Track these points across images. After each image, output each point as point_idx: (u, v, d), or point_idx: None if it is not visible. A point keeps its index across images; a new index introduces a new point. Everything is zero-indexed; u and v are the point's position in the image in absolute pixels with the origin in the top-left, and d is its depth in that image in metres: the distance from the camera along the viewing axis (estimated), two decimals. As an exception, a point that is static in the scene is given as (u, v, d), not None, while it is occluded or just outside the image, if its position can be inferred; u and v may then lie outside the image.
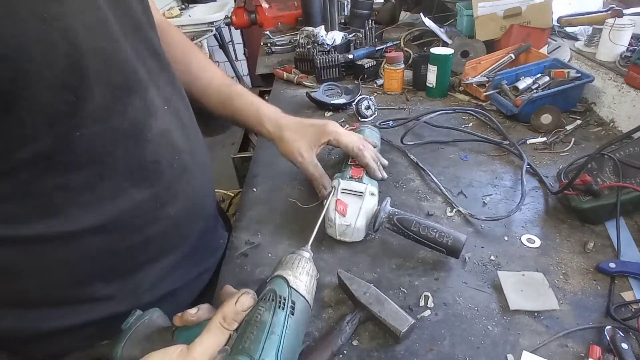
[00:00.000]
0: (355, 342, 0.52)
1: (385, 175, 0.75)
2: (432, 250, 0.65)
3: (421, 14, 1.44)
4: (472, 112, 1.03)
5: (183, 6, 3.12)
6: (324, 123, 0.75)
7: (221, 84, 0.74)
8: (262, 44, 1.78)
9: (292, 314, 0.41)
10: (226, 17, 2.63)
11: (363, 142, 0.74)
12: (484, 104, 1.11)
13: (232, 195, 1.81)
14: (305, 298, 0.43)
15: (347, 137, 0.73)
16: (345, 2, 1.89)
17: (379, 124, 1.01)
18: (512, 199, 0.75)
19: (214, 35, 2.88)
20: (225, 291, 0.46)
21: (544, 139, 0.91)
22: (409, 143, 0.93)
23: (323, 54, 1.34)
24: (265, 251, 0.67)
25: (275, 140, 0.74)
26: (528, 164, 0.81)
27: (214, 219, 0.72)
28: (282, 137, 0.72)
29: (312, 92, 1.17)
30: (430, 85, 1.17)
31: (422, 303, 0.56)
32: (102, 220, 0.47)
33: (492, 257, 0.63)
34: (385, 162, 0.79)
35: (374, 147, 0.80)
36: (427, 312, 0.55)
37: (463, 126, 1.01)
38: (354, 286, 0.55)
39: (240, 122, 0.75)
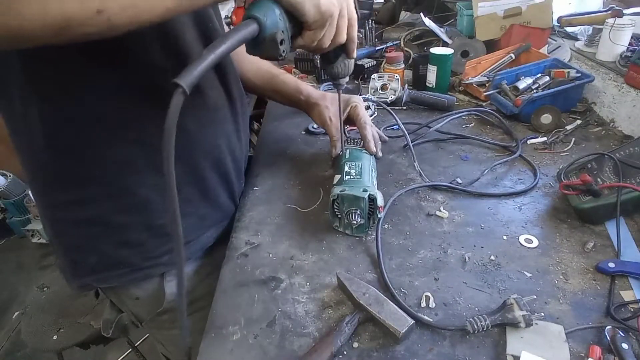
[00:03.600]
0: (355, 344, 0.52)
1: (380, 154, 0.85)
2: (432, 250, 0.65)
3: (421, 14, 1.44)
4: (481, 114, 1.03)
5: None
6: (350, 95, 0.91)
7: (269, 66, 0.93)
8: (262, 44, 1.78)
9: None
10: (226, 17, 2.62)
11: (370, 121, 0.88)
12: (484, 104, 1.11)
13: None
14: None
15: (363, 110, 0.88)
16: (345, 2, 1.89)
17: (383, 129, 0.99)
18: (513, 199, 0.75)
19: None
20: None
21: (544, 139, 0.91)
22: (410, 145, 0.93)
23: (323, 54, 1.34)
24: (265, 251, 0.67)
25: (310, 106, 0.89)
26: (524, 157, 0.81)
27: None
28: (317, 104, 0.88)
29: (312, 92, 1.17)
30: (430, 85, 1.17)
31: (423, 304, 0.56)
32: None
33: (492, 257, 0.63)
34: (386, 138, 0.93)
35: (383, 142, 0.91)
36: (427, 313, 0.55)
37: (464, 126, 1.01)
38: (353, 287, 0.55)
39: (282, 92, 0.92)
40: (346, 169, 0.73)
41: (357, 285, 0.56)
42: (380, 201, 0.67)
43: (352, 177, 0.71)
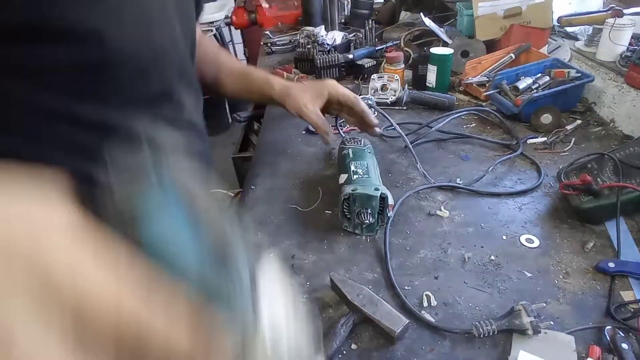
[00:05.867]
0: (354, 345, 0.52)
1: (380, 130, 0.86)
2: (432, 250, 0.65)
3: (421, 13, 1.43)
4: (481, 113, 1.03)
5: (183, 6, 3.11)
6: (324, 80, 0.86)
7: (241, 66, 0.88)
8: (262, 43, 1.78)
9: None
10: (226, 17, 2.63)
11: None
12: (484, 104, 1.11)
13: (232, 195, 1.81)
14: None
15: (344, 89, 0.83)
16: (346, 2, 1.89)
17: (384, 129, 0.99)
18: (513, 199, 0.75)
19: (214, 35, 2.88)
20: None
21: (544, 138, 0.91)
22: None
23: (323, 54, 1.34)
24: (266, 251, 0.67)
25: (283, 97, 0.82)
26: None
27: None
28: (289, 94, 0.82)
29: (312, 92, 1.17)
30: (430, 85, 1.17)
31: (424, 303, 0.56)
32: None
33: (492, 257, 0.63)
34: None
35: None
36: (428, 312, 0.55)
37: (464, 126, 1.01)
38: (347, 288, 0.55)
39: (254, 89, 0.85)
40: (352, 168, 0.73)
41: (351, 286, 0.56)
42: (390, 199, 0.67)
43: (360, 176, 0.71)
